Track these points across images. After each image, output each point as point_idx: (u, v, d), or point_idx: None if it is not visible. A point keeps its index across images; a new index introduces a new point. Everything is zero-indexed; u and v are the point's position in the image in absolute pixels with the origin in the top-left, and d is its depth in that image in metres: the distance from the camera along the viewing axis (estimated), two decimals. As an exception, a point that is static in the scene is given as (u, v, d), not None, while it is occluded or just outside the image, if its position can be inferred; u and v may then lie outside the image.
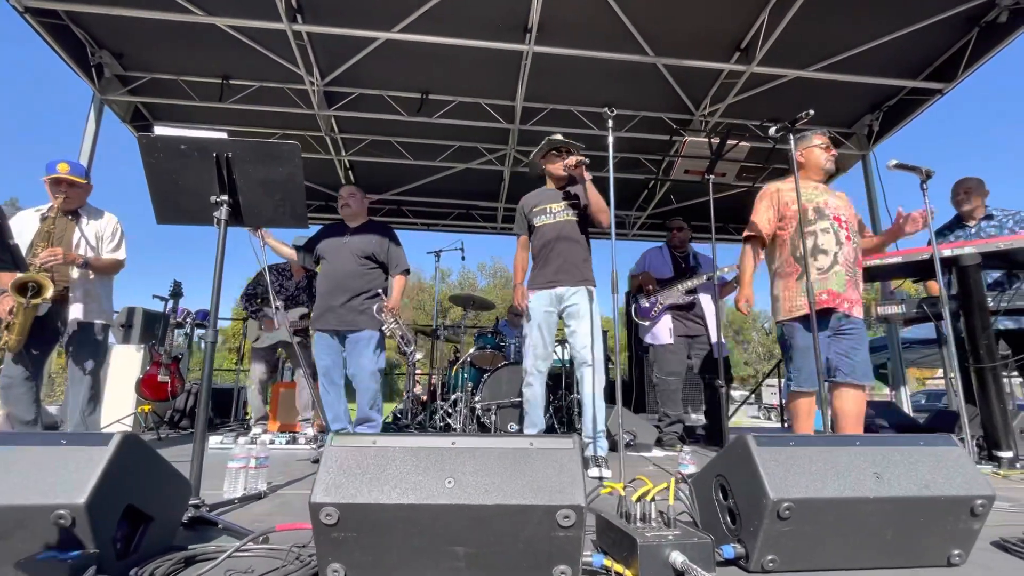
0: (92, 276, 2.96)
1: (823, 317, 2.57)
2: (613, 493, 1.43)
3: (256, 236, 2.95)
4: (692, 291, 3.94)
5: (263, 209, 1.95)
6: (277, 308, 3.98)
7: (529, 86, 5.15)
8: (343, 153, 6.34)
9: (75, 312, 2.88)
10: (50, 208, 2.87)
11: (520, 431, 4.35)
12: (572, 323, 2.90)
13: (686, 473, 2.23)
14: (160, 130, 1.85)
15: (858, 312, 2.59)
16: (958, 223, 3.71)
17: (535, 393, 2.96)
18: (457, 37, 4.54)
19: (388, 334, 3.32)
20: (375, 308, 3.29)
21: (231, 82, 5.21)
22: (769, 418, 18.64)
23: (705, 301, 3.99)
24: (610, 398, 3.09)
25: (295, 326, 4.20)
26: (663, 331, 3.98)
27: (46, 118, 54.73)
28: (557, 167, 3.03)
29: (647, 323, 4.04)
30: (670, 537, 1.20)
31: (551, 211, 3.02)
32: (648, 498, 1.31)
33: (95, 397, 2.98)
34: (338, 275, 3.29)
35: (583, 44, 4.64)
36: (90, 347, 2.95)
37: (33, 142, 51.89)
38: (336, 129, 5.95)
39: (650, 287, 4.06)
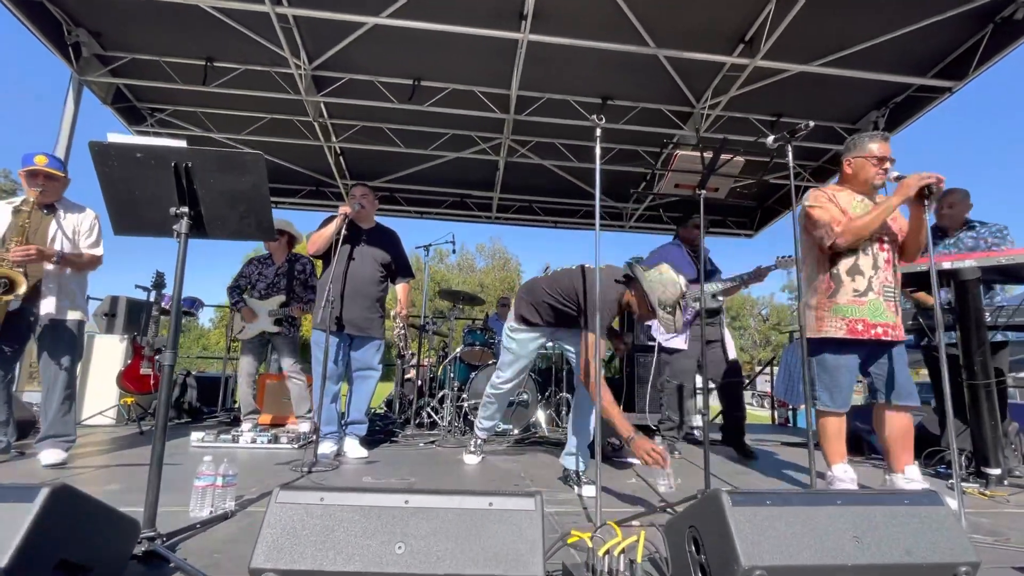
0: (67, 271, 2.87)
1: (858, 344, 2.46)
2: (580, 543, 1.36)
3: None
4: (715, 295, 3.82)
5: (227, 221, 1.85)
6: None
7: (524, 75, 4.97)
8: (333, 139, 6.17)
9: (47, 307, 2.79)
10: (24, 201, 2.78)
11: (509, 431, 4.33)
12: (573, 345, 2.78)
13: (661, 491, 2.20)
14: (114, 137, 1.73)
15: (897, 335, 2.45)
16: (937, 234, 3.63)
17: (501, 405, 3.09)
18: (449, 23, 4.36)
19: (397, 339, 3.34)
20: (392, 314, 3.38)
21: (215, 64, 5.02)
22: (763, 405, 18.76)
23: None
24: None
25: (275, 315, 4.12)
26: (681, 336, 3.82)
27: (26, 98, 53.69)
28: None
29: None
30: (636, 600, 1.14)
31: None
32: (616, 552, 1.25)
33: (70, 396, 2.91)
34: (357, 280, 3.33)
35: (581, 33, 4.46)
36: (64, 344, 2.87)
37: (11, 123, 51.11)
38: (325, 115, 5.77)
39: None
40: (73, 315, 2.90)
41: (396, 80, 5.25)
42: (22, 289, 2.60)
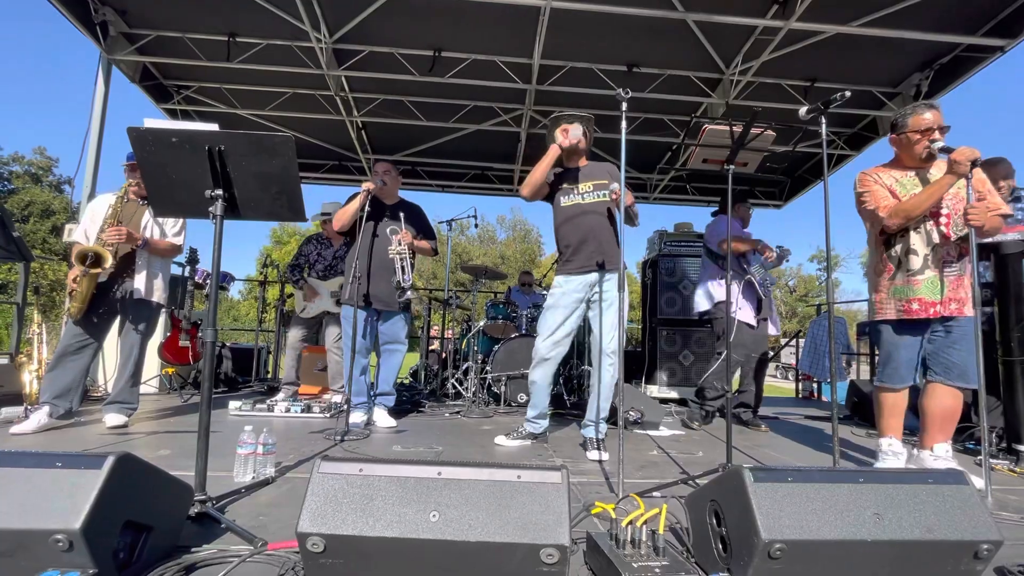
0: (152, 256, 3.13)
1: (917, 324, 2.39)
2: (603, 514, 1.42)
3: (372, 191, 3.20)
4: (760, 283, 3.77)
5: (260, 202, 1.90)
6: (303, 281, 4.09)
7: (547, 43, 4.84)
8: (355, 114, 6.17)
9: (138, 283, 3.07)
10: (123, 190, 3.09)
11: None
12: (599, 309, 2.83)
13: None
14: (150, 122, 1.78)
15: (959, 311, 2.35)
16: None
17: (544, 376, 2.90)
18: (470, -9, 4.26)
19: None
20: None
21: (237, 40, 5.02)
22: (786, 377, 18.67)
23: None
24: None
25: (336, 296, 4.26)
26: (747, 311, 3.75)
27: (59, 79, 54.84)
28: (571, 141, 2.83)
29: (752, 300, 3.77)
30: (657, 569, 1.19)
31: (579, 191, 2.89)
32: (639, 523, 1.30)
33: (139, 370, 3.20)
34: (382, 256, 3.39)
35: (605, -2, 4.31)
36: (144, 321, 3.14)
37: (46, 103, 52.34)
38: (347, 88, 5.75)
39: (770, 258, 3.68)
40: (156, 297, 3.16)
41: (416, 52, 5.18)
42: (108, 263, 2.86)
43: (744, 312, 3.76)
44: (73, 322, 2.94)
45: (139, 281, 3.07)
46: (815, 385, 7.08)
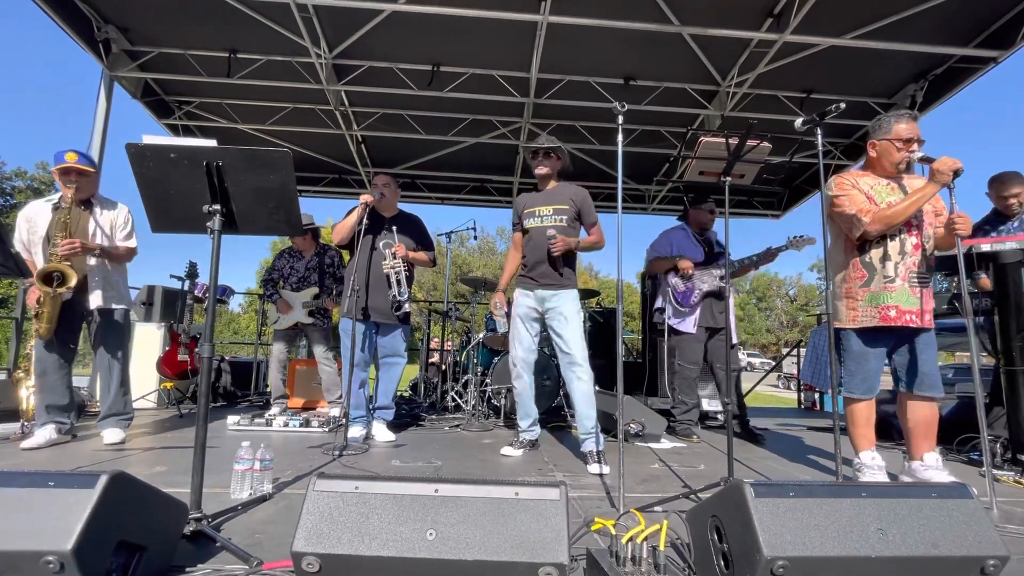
0: (108, 264, 3.03)
1: (888, 332, 2.41)
2: (603, 530, 1.40)
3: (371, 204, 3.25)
4: (723, 277, 3.78)
5: (258, 217, 1.90)
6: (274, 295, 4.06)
7: (544, 57, 4.90)
8: (354, 128, 6.21)
9: (96, 299, 2.97)
10: (62, 198, 2.92)
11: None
12: (555, 325, 2.95)
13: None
14: (149, 138, 1.79)
15: (927, 322, 2.40)
16: (997, 217, 3.46)
17: (524, 384, 3.09)
18: (468, 7, 4.31)
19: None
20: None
21: (238, 56, 5.08)
22: (788, 387, 18.55)
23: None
24: (605, 385, 3.06)
25: (308, 307, 4.26)
26: (690, 320, 3.81)
27: (61, 95, 55.36)
28: (539, 169, 3.19)
29: (686, 310, 3.84)
30: (658, 587, 1.17)
31: (539, 214, 3.11)
32: (639, 540, 1.28)
33: (125, 379, 3.14)
34: (381, 270, 3.40)
35: (601, 13, 4.36)
36: (114, 333, 3.07)
37: (48, 118, 52.78)
38: (346, 103, 5.81)
39: (689, 270, 3.82)
40: (119, 306, 3.08)
41: (415, 66, 5.24)
42: (73, 282, 2.78)
43: (687, 323, 3.80)
44: (44, 344, 2.87)
45: (98, 295, 2.97)
46: (817, 395, 7.03)
